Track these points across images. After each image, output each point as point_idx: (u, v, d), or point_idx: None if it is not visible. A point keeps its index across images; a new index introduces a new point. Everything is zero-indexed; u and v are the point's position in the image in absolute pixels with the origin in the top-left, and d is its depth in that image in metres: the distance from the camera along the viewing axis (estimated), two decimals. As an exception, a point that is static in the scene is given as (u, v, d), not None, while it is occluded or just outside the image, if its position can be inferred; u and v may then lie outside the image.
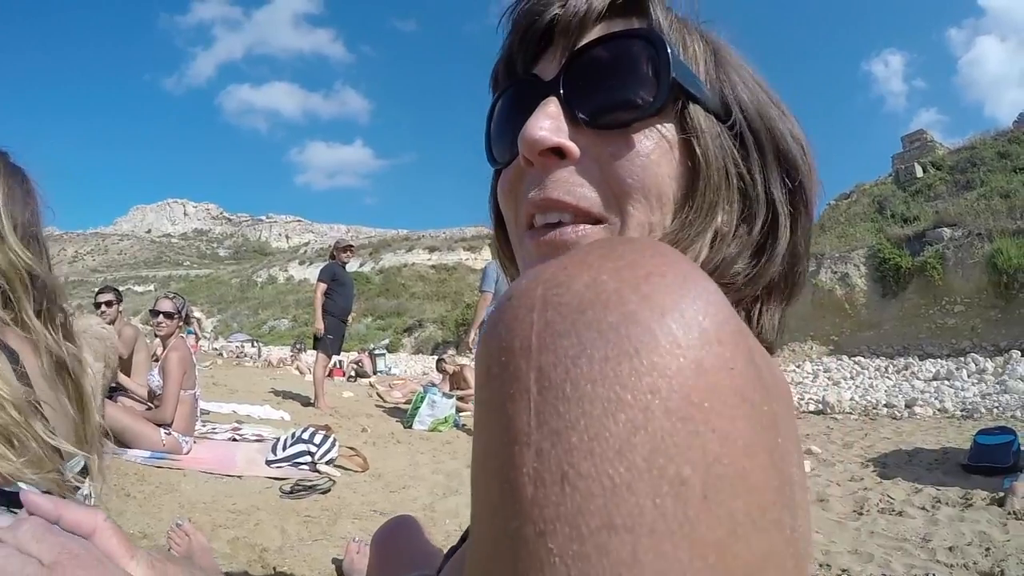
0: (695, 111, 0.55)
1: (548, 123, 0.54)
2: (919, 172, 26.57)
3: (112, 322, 5.39)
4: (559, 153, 0.55)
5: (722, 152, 0.56)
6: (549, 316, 0.31)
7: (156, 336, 5.21)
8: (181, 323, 5.13)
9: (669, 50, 0.53)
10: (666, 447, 0.28)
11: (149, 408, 4.89)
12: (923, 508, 4.59)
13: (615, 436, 0.28)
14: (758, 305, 0.61)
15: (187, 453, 4.68)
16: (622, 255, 0.33)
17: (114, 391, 5.02)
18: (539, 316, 0.31)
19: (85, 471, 1.20)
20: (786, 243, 0.59)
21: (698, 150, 0.54)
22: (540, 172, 0.55)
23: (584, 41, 0.56)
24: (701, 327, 0.30)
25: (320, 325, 7.90)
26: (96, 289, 6.15)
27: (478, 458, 0.33)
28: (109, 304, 5.63)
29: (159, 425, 4.56)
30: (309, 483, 4.14)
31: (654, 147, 0.54)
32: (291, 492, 3.99)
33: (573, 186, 0.54)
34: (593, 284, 0.31)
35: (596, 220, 0.55)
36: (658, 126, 0.54)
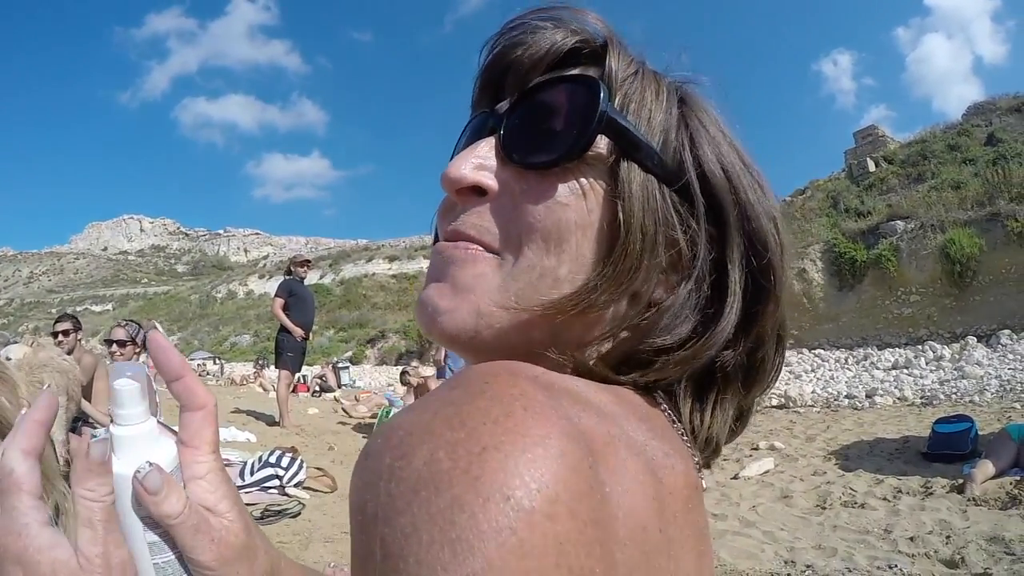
0: (628, 169, 0.52)
1: (472, 162, 0.55)
2: (871, 167, 27.16)
3: (71, 351, 5.30)
4: (479, 190, 0.55)
5: (652, 219, 0.52)
6: (392, 490, 0.33)
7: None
8: (138, 350, 5.05)
9: (601, 99, 0.52)
10: None
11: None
12: (885, 499, 4.71)
13: None
14: (712, 396, 0.57)
15: (153, 481, 4.59)
16: (464, 422, 0.35)
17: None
18: (384, 487, 0.34)
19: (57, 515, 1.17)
20: (730, 326, 0.54)
21: (620, 215, 0.51)
22: (460, 206, 0.56)
23: (533, 83, 0.56)
24: (528, 508, 0.32)
25: (298, 331, 7.88)
26: (53, 312, 6.03)
27: None
28: (67, 333, 5.53)
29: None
30: (279, 507, 4.11)
31: (568, 194, 0.52)
32: (261, 518, 3.96)
33: (481, 222, 0.54)
34: (430, 462, 0.33)
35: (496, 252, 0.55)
36: (582, 176, 0.53)
